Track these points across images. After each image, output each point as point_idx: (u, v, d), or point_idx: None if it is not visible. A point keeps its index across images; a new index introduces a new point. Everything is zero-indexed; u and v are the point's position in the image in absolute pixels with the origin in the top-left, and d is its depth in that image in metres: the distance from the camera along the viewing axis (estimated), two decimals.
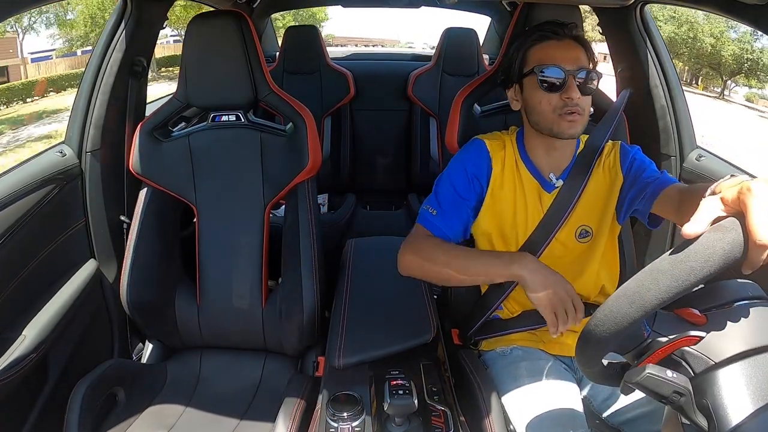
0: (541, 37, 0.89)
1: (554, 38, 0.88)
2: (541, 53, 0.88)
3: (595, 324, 0.52)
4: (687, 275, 0.44)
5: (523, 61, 0.90)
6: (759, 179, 0.45)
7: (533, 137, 0.94)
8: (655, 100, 1.23)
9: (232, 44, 1.07)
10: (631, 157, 0.94)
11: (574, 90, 0.84)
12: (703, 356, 0.49)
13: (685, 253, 0.45)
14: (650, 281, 0.47)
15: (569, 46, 0.87)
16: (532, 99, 0.89)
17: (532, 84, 0.88)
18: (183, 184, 1.16)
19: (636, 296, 0.47)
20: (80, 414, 0.91)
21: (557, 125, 0.86)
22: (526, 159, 0.96)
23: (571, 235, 0.95)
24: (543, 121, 0.88)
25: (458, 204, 0.94)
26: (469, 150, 0.97)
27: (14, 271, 0.98)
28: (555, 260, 0.94)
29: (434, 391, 0.84)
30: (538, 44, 0.89)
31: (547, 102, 0.86)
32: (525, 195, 0.94)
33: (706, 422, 0.47)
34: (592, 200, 0.94)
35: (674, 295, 0.45)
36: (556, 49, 0.87)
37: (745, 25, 0.80)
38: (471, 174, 0.94)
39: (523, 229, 0.94)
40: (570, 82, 0.85)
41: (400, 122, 2.33)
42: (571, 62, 0.86)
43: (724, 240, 0.43)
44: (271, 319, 1.16)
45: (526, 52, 0.90)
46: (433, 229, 0.93)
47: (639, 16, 1.21)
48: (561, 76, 0.85)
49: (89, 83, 1.18)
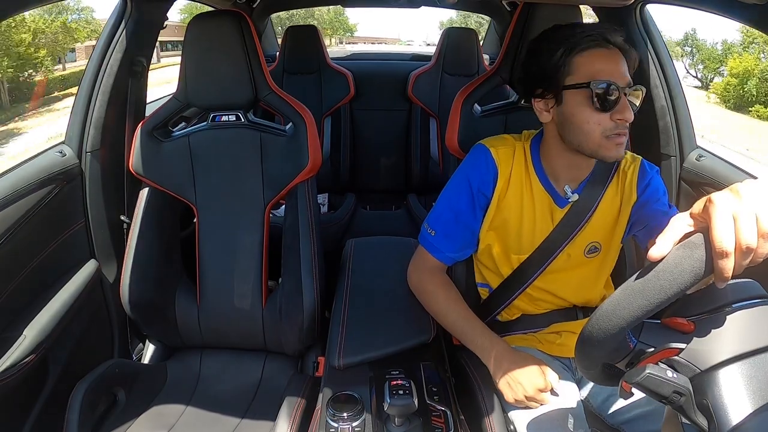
0: (591, 43, 0.77)
1: (605, 47, 0.77)
2: (593, 64, 0.76)
3: (585, 336, 0.53)
4: (657, 294, 0.45)
5: (568, 71, 0.78)
6: (725, 189, 0.44)
7: (557, 152, 0.86)
8: (655, 100, 1.22)
9: (232, 44, 1.07)
10: (648, 179, 0.88)
11: (628, 110, 0.75)
12: (690, 364, 0.49)
13: (654, 272, 0.46)
14: (624, 300, 0.48)
15: (619, 57, 0.77)
16: (576, 116, 0.78)
17: (579, 99, 0.77)
18: (183, 184, 1.16)
19: (613, 314, 0.49)
20: (80, 414, 0.91)
21: (605, 149, 0.78)
22: (540, 171, 0.90)
23: (581, 250, 0.92)
24: (587, 143, 0.79)
25: (458, 223, 0.93)
26: (474, 162, 0.92)
27: (14, 271, 0.98)
28: (559, 273, 0.94)
29: (434, 391, 0.84)
30: (587, 52, 0.77)
31: (597, 122, 0.76)
32: (534, 208, 0.90)
33: (706, 422, 0.47)
34: (605, 216, 0.90)
35: (647, 313, 0.46)
36: (608, 61, 0.76)
37: (745, 25, 0.80)
38: (476, 189, 0.90)
39: (528, 242, 0.92)
40: (623, 102, 0.75)
41: (400, 122, 2.32)
42: (622, 77, 0.76)
43: (693, 257, 0.44)
44: (271, 319, 1.16)
45: (572, 60, 0.77)
46: (432, 251, 0.95)
47: (639, 16, 1.21)
48: (616, 94, 0.75)
49: (89, 83, 1.17)
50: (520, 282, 0.95)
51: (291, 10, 5.45)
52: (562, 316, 0.98)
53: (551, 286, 0.95)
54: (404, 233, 1.51)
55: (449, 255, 0.95)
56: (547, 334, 0.98)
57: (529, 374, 0.82)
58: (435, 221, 0.95)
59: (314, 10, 24.71)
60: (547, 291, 0.96)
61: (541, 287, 0.95)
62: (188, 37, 1.08)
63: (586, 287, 0.96)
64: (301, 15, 21.34)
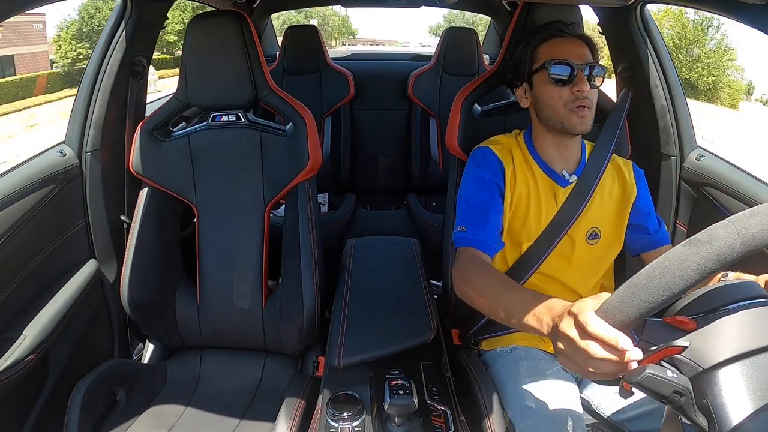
0: (548, 35, 0.92)
1: (561, 36, 0.91)
2: (550, 50, 0.90)
3: None
4: (662, 290, 0.45)
5: (533, 59, 0.92)
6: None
7: (543, 135, 0.96)
8: (655, 100, 1.22)
9: (232, 44, 1.07)
10: (641, 184, 0.99)
11: (584, 83, 0.87)
12: (692, 362, 0.49)
13: (660, 268, 0.46)
14: (629, 296, 0.48)
15: (576, 43, 0.91)
16: (543, 95, 0.91)
17: (543, 79, 0.90)
18: (183, 184, 1.16)
19: (616, 311, 0.49)
20: (80, 414, 0.91)
21: (568, 120, 0.89)
22: (537, 157, 0.97)
23: (582, 234, 0.95)
24: (554, 116, 0.90)
25: (485, 211, 0.92)
26: (477, 160, 0.97)
27: (14, 271, 0.98)
28: (562, 260, 0.96)
29: (434, 391, 0.84)
30: (546, 42, 0.91)
31: (558, 96, 0.89)
32: (539, 192, 0.95)
33: (706, 422, 0.47)
34: (605, 202, 0.96)
35: (651, 310, 0.47)
36: (564, 45, 0.90)
37: (745, 25, 0.80)
38: (489, 180, 0.94)
39: (535, 226, 0.94)
40: (580, 76, 0.87)
41: (400, 122, 2.32)
42: (579, 57, 0.89)
43: (698, 254, 0.44)
44: (271, 319, 1.16)
45: (534, 50, 0.92)
46: (469, 244, 0.89)
47: (639, 16, 1.21)
48: (571, 71, 0.87)
49: (89, 83, 1.17)
50: (525, 269, 0.95)
51: (308, 17, 5.51)
52: None
53: (556, 272, 0.96)
54: (404, 233, 1.51)
55: (485, 242, 0.89)
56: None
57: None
58: (461, 220, 0.92)
59: (328, 17, 30.68)
60: (552, 277, 0.97)
61: (546, 273, 0.96)
62: (188, 36, 1.08)
63: (588, 275, 0.99)
64: (319, 23, 28.01)
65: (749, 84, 26.02)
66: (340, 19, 34.10)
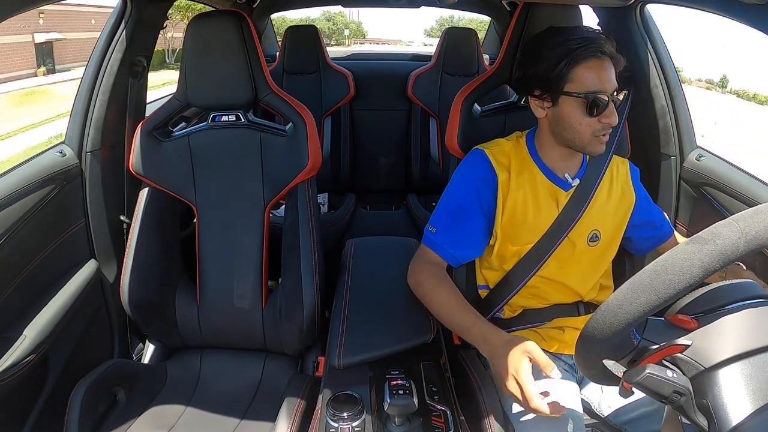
0: (586, 54, 0.85)
1: (599, 58, 0.85)
2: (588, 73, 0.85)
3: (588, 331, 0.53)
4: (666, 288, 0.45)
5: (568, 78, 0.86)
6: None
7: (551, 144, 0.94)
8: (655, 100, 1.22)
9: (232, 44, 1.07)
10: (638, 183, 1.01)
11: (614, 114, 0.86)
12: (694, 361, 0.49)
13: (663, 266, 0.46)
14: (632, 294, 0.48)
15: (608, 67, 0.86)
16: (569, 118, 0.87)
17: (574, 105, 0.86)
18: (183, 184, 1.15)
19: (619, 309, 0.48)
20: (80, 414, 0.91)
21: (591, 146, 0.88)
22: (540, 162, 0.96)
23: (584, 237, 0.96)
24: (577, 140, 0.89)
25: (459, 219, 0.94)
26: (470, 162, 0.98)
27: (14, 271, 0.98)
28: (563, 262, 0.96)
29: (434, 391, 0.84)
30: (583, 63, 0.85)
31: (588, 125, 0.86)
32: (538, 197, 0.95)
33: (706, 422, 0.47)
34: (606, 204, 0.97)
35: (654, 308, 0.46)
36: (600, 70, 0.85)
37: (745, 25, 0.80)
38: (475, 187, 0.94)
39: (536, 230, 0.94)
40: (611, 108, 0.86)
41: (400, 122, 2.32)
42: (611, 84, 0.86)
43: (702, 251, 0.44)
44: (272, 319, 1.16)
45: (571, 71, 0.86)
46: (432, 247, 0.95)
47: (639, 16, 1.21)
48: (605, 102, 0.85)
49: (89, 83, 1.17)
50: (524, 273, 0.95)
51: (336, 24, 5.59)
52: (565, 311, 0.98)
53: (556, 274, 0.96)
54: (404, 233, 1.51)
55: (450, 251, 0.95)
56: (550, 329, 0.98)
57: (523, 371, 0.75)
58: (435, 220, 0.97)
59: (348, 23, 35.25)
60: (552, 279, 0.97)
61: (546, 276, 0.96)
62: (188, 37, 1.08)
63: (588, 276, 0.99)
64: (340, 28, 33.40)
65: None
66: (357, 25, 37.55)
